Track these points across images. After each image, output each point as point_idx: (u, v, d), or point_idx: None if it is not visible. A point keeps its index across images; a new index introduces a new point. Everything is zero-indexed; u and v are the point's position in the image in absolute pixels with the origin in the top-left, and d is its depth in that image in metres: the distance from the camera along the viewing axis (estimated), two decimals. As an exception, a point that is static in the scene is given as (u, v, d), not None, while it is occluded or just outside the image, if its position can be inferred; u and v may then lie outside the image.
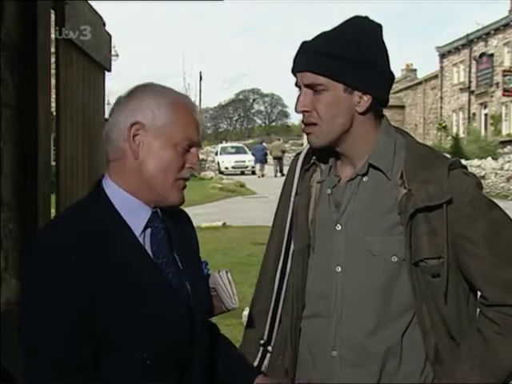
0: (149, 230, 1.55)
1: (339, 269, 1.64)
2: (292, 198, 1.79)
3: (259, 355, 1.80)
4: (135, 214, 1.53)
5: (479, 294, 1.63)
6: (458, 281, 1.60)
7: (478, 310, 1.62)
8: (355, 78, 1.58)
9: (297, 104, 1.64)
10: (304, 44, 1.65)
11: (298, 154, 1.86)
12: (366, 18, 1.68)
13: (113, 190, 1.53)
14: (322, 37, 1.64)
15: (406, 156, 1.62)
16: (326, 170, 1.73)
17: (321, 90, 1.60)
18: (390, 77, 1.67)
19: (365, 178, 1.65)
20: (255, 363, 1.79)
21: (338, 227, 1.65)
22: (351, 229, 1.64)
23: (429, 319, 1.59)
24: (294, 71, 1.66)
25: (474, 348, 1.57)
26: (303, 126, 1.69)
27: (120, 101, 1.55)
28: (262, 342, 1.80)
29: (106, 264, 1.43)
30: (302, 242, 1.71)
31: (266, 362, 1.80)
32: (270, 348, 1.80)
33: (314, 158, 1.75)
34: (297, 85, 1.66)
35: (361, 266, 1.61)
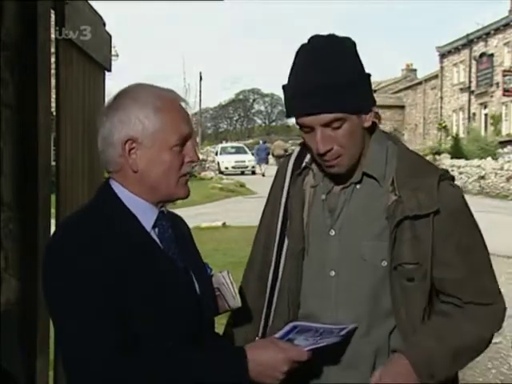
0: (156, 229, 1.59)
1: (333, 273, 1.68)
2: (283, 200, 1.80)
3: None
4: (144, 214, 1.57)
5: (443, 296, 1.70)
6: (431, 288, 1.67)
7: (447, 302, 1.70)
8: (364, 102, 1.63)
9: (318, 146, 1.60)
10: (296, 86, 1.59)
11: (289, 155, 1.89)
12: (333, 35, 1.64)
13: (122, 192, 1.57)
14: (312, 72, 1.57)
15: (397, 163, 1.66)
16: (320, 175, 1.75)
17: (338, 126, 1.59)
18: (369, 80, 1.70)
19: (358, 186, 1.69)
20: None
21: (332, 232, 1.69)
22: (344, 234, 1.68)
23: (407, 321, 1.64)
24: (300, 115, 1.61)
25: (437, 323, 1.66)
26: (323, 162, 1.65)
27: (107, 112, 1.56)
28: (257, 339, 1.82)
29: (125, 260, 1.47)
30: (297, 245, 1.74)
31: None
32: None
33: (306, 161, 1.77)
34: (304, 126, 1.62)
35: (353, 270, 1.66)
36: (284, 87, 1.64)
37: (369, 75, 1.68)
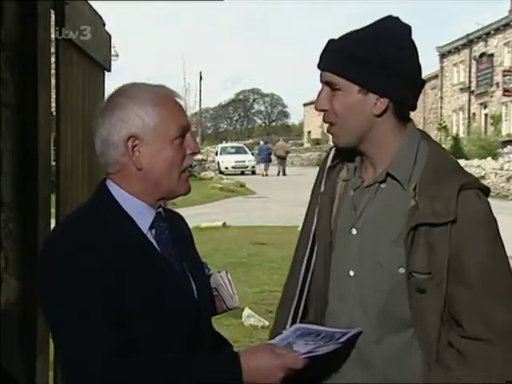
0: (153, 230, 1.58)
1: (352, 273, 1.64)
2: (320, 194, 1.80)
3: None
4: (141, 215, 1.56)
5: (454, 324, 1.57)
6: (444, 304, 1.55)
7: (450, 340, 1.56)
8: (371, 80, 1.57)
9: (316, 101, 1.65)
10: (329, 42, 1.65)
11: (331, 148, 1.82)
12: (397, 18, 1.64)
13: (118, 192, 1.56)
14: (346, 36, 1.63)
15: (424, 167, 1.59)
16: (352, 170, 1.72)
17: (337, 89, 1.60)
18: (417, 81, 1.64)
19: (383, 185, 1.63)
20: None
21: (354, 231, 1.65)
22: (365, 234, 1.63)
23: (422, 335, 1.56)
24: (318, 68, 1.67)
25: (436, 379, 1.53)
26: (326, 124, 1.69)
27: (103, 114, 1.55)
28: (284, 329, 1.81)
29: (122, 261, 1.47)
30: (325, 238, 1.71)
31: None
32: None
33: (341, 156, 1.74)
34: (320, 80, 1.67)
35: (370, 273, 1.61)
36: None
37: (413, 75, 1.61)
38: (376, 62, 1.56)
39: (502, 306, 1.50)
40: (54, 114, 3.66)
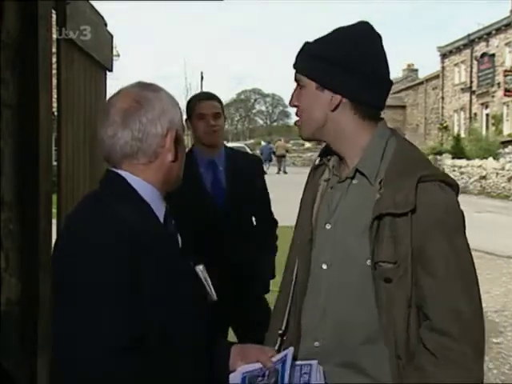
0: (166, 222, 1.63)
1: (324, 266, 1.71)
2: (303, 195, 1.90)
3: (277, 344, 1.84)
4: (157, 204, 1.61)
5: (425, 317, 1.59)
6: (411, 294, 1.57)
7: (421, 337, 1.57)
8: (325, 77, 1.68)
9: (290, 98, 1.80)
10: (304, 45, 1.76)
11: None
12: (367, 23, 1.73)
13: (138, 183, 1.58)
14: (317, 38, 1.73)
15: (389, 162, 1.66)
16: (331, 169, 1.80)
17: (302, 86, 1.73)
18: (378, 82, 1.69)
19: (354, 181, 1.70)
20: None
21: (328, 226, 1.73)
22: (337, 229, 1.70)
23: (388, 328, 1.59)
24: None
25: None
26: None
27: (140, 104, 1.57)
28: (280, 332, 1.85)
29: (147, 252, 1.47)
30: (305, 236, 1.78)
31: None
32: (285, 338, 1.86)
33: (325, 157, 1.83)
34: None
35: (341, 266, 1.67)
36: None
37: (373, 77, 1.67)
38: (332, 60, 1.66)
39: (465, 296, 1.54)
40: (56, 114, 3.67)
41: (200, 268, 1.82)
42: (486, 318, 6.54)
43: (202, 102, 3.34)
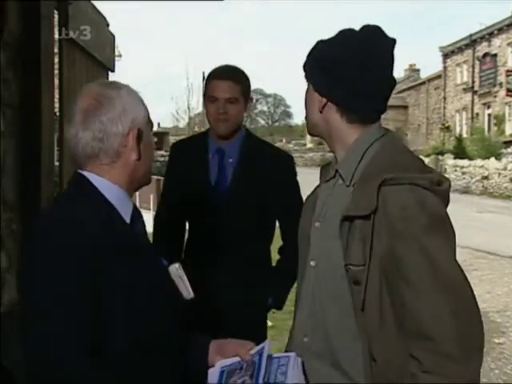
0: (133, 222, 1.60)
1: (312, 263, 1.73)
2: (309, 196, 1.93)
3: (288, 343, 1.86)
4: (123, 205, 1.58)
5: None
6: (383, 295, 1.57)
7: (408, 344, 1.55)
8: (314, 80, 1.72)
9: None
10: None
11: None
12: (370, 27, 1.70)
13: (103, 184, 1.56)
14: (325, 39, 1.75)
15: (366, 165, 1.66)
16: (332, 168, 1.81)
17: (308, 84, 1.77)
18: (364, 93, 1.66)
19: (339, 181, 1.72)
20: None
21: (316, 224, 1.75)
22: (322, 228, 1.72)
23: (362, 328, 1.59)
24: None
25: None
26: None
27: (101, 103, 1.54)
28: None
29: (109, 252, 1.46)
30: (306, 232, 1.79)
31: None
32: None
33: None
34: None
35: (323, 265, 1.69)
36: None
37: (360, 87, 1.65)
38: (323, 63, 1.69)
39: (440, 296, 1.50)
40: (58, 114, 3.67)
41: (176, 266, 1.80)
42: (487, 318, 6.54)
43: (214, 82, 2.72)
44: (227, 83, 2.70)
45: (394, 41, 1.71)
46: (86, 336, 1.40)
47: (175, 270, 1.80)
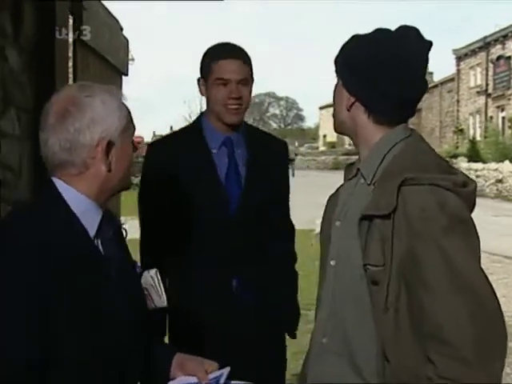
0: (99, 231, 1.56)
1: (332, 263, 1.72)
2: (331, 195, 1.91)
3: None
4: (89, 217, 1.53)
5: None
6: (402, 296, 1.54)
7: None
8: (344, 78, 1.71)
9: None
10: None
11: None
12: (404, 28, 1.68)
13: (69, 193, 1.52)
14: (359, 34, 1.75)
15: (387, 165, 1.64)
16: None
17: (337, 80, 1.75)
18: (390, 95, 1.64)
19: (361, 180, 1.70)
20: None
21: (337, 223, 1.74)
22: (343, 227, 1.70)
23: (378, 330, 1.57)
24: None
25: None
26: None
27: (68, 112, 1.49)
28: None
29: (63, 265, 1.43)
30: (328, 231, 1.78)
31: None
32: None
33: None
34: None
35: (343, 265, 1.68)
36: None
37: (387, 89, 1.64)
38: (354, 62, 1.67)
39: (458, 299, 1.47)
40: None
41: (151, 273, 1.78)
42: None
43: (223, 62, 2.40)
44: (238, 63, 2.41)
45: (430, 43, 1.68)
46: (34, 352, 1.38)
47: (149, 277, 1.77)
